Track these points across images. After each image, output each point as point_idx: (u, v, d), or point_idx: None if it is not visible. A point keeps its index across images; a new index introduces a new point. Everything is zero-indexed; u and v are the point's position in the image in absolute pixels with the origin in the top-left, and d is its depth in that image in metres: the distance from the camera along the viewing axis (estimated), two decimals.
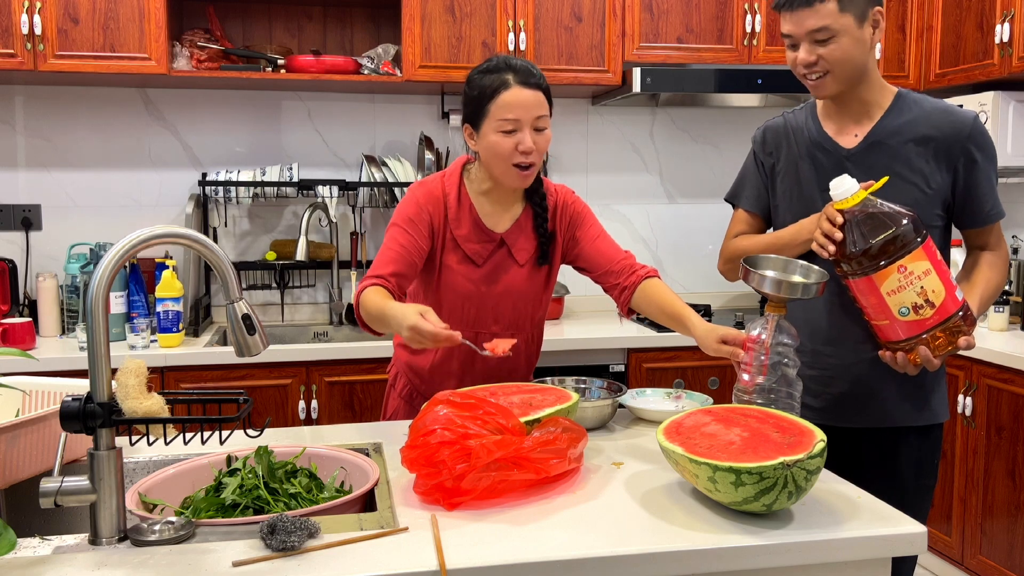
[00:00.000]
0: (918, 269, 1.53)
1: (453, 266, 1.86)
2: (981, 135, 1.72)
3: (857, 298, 1.62)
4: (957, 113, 1.74)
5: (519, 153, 1.76)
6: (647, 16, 3.25)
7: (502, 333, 1.89)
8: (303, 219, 3.15)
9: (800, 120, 1.86)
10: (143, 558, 1.16)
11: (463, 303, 1.87)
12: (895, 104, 1.76)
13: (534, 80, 1.77)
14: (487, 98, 1.76)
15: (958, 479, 3.02)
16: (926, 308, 1.54)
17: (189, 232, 1.28)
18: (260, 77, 3.04)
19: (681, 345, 3.06)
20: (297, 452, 1.53)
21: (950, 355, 1.62)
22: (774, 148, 1.89)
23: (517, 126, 1.76)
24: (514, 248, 1.89)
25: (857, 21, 1.67)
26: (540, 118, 1.77)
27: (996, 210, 1.76)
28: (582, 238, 1.95)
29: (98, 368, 1.21)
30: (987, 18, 3.15)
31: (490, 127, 1.77)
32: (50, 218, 3.23)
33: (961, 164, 1.72)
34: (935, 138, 1.72)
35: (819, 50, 1.68)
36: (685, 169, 3.74)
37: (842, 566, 1.27)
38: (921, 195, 1.72)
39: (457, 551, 1.18)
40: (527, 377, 2.01)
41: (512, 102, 1.74)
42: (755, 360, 1.58)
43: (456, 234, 1.85)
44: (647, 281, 1.89)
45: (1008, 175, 3.28)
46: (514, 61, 1.79)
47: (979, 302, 1.72)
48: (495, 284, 1.88)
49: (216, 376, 2.75)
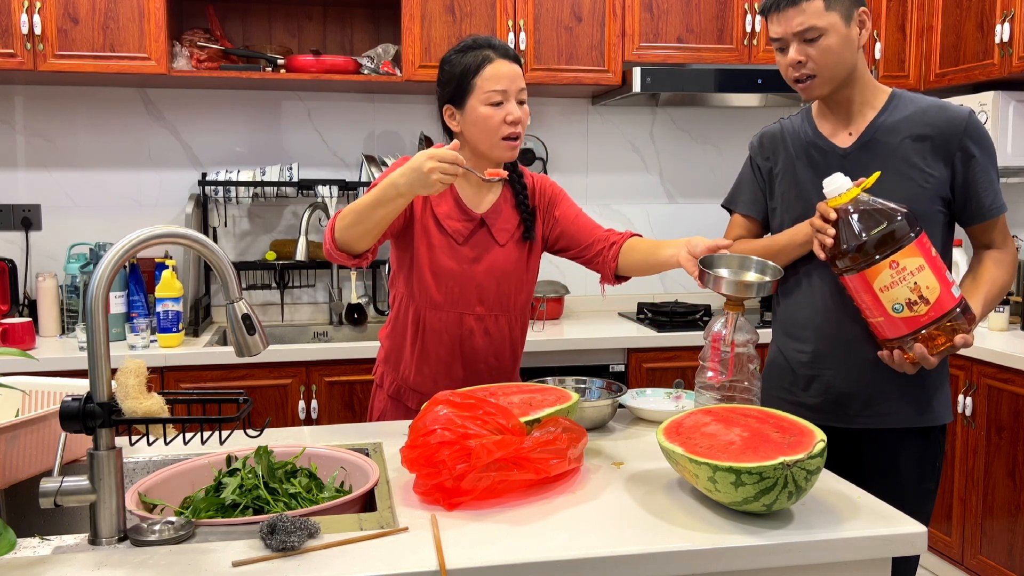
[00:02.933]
0: (911, 265, 1.52)
1: (435, 244, 1.88)
2: (977, 130, 1.72)
3: (853, 296, 1.62)
4: (952, 109, 1.74)
5: (507, 124, 1.82)
6: (647, 16, 3.25)
7: (487, 314, 1.91)
8: (303, 219, 3.15)
9: (796, 124, 1.88)
10: (143, 558, 1.16)
11: (447, 282, 1.89)
12: (889, 103, 1.77)
13: (512, 54, 1.86)
14: (472, 73, 1.82)
15: (958, 479, 3.02)
16: (920, 304, 1.54)
17: (189, 232, 1.28)
18: (260, 77, 3.04)
19: (681, 345, 3.07)
20: (297, 452, 1.52)
21: (949, 354, 1.62)
22: (771, 153, 1.89)
23: (504, 97, 1.81)
24: (494, 228, 1.92)
25: (843, 20, 1.68)
26: (522, 91, 1.85)
27: (997, 204, 1.74)
28: (562, 216, 1.99)
29: (98, 368, 1.21)
30: (987, 18, 3.15)
31: (477, 100, 1.82)
32: (50, 218, 3.23)
33: (958, 159, 1.72)
34: (931, 134, 1.72)
35: (808, 49, 1.69)
36: (685, 169, 3.75)
37: (842, 566, 1.27)
38: (919, 189, 1.72)
39: (457, 551, 1.18)
40: (515, 362, 2.02)
41: (498, 74, 1.81)
42: (719, 357, 1.60)
43: (437, 211, 1.88)
44: (632, 238, 1.95)
45: (1008, 175, 3.28)
46: (492, 39, 1.87)
47: (984, 301, 1.71)
48: (477, 263, 1.90)
49: (216, 376, 2.75)
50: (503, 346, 1.97)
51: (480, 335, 1.91)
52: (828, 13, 1.67)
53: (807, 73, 1.71)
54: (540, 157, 3.55)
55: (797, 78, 1.73)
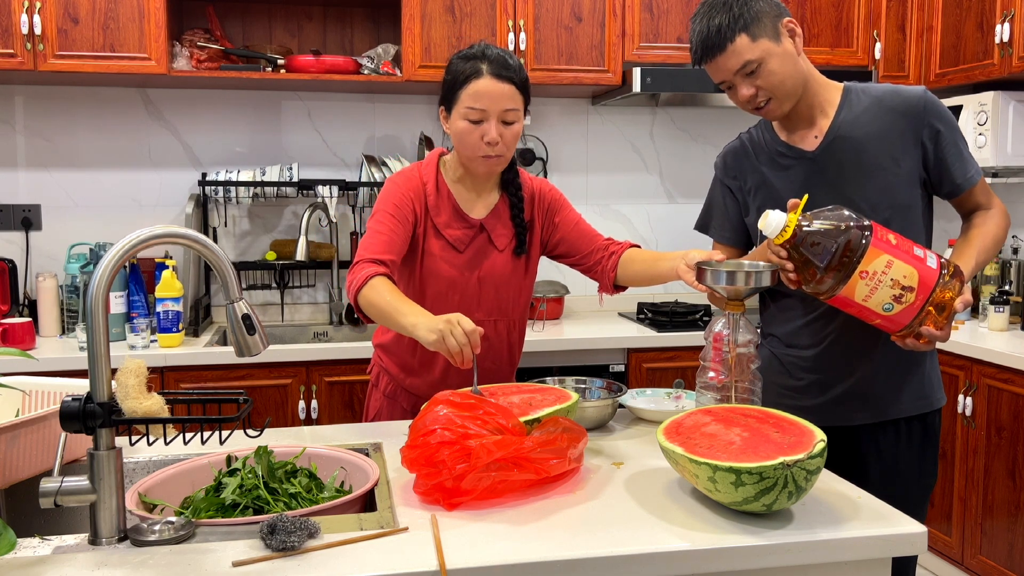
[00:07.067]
0: (879, 266, 1.51)
1: (436, 253, 1.87)
2: (935, 105, 1.72)
3: (844, 311, 1.62)
4: (907, 91, 1.74)
5: (483, 144, 1.78)
6: (647, 16, 3.25)
7: (486, 319, 1.90)
8: (303, 219, 3.15)
9: (757, 136, 1.87)
10: (143, 558, 1.16)
11: (447, 290, 1.88)
12: (845, 99, 1.76)
13: (507, 73, 1.77)
14: (459, 85, 1.78)
15: (958, 479, 3.02)
16: (907, 294, 1.53)
17: (189, 232, 1.28)
18: (260, 77, 3.04)
19: (681, 345, 3.07)
20: (297, 452, 1.52)
21: (953, 319, 1.60)
22: (737, 171, 1.88)
23: (483, 116, 1.77)
24: (494, 233, 1.91)
25: (773, 40, 1.66)
26: (509, 111, 1.78)
27: (972, 173, 1.74)
28: (562, 223, 1.98)
29: (98, 368, 1.21)
30: (987, 18, 3.15)
31: (458, 113, 1.79)
32: (50, 218, 3.23)
33: (926, 137, 1.71)
34: (894, 120, 1.72)
35: (754, 81, 1.68)
36: (685, 169, 3.75)
37: (842, 566, 1.27)
38: (895, 178, 1.72)
39: (457, 551, 1.18)
40: (512, 366, 2.02)
41: (481, 92, 1.76)
42: (721, 357, 1.60)
43: (436, 221, 1.87)
44: (631, 249, 1.95)
45: (1008, 175, 3.28)
46: (491, 51, 1.79)
47: (978, 254, 1.71)
48: (477, 269, 1.90)
49: (216, 376, 2.75)
50: (501, 351, 1.96)
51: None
52: (756, 43, 1.65)
53: (764, 99, 1.71)
54: (540, 157, 3.55)
55: (756, 106, 1.73)
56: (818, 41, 3.41)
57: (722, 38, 1.65)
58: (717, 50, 1.67)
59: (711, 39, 1.66)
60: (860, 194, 1.71)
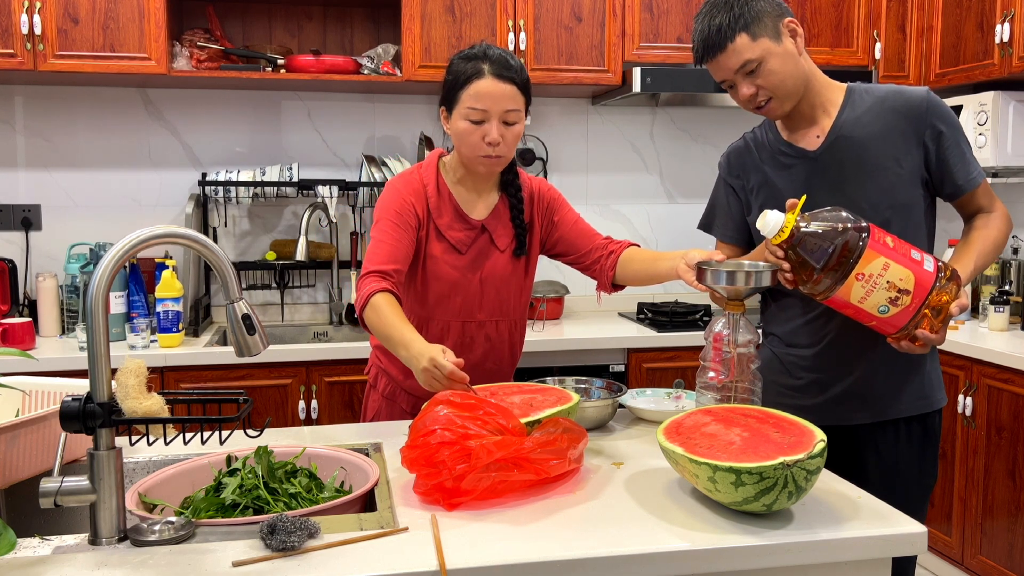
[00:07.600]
0: (876, 269, 1.51)
1: (438, 255, 1.87)
2: (938, 106, 1.72)
3: (840, 312, 1.62)
4: (910, 91, 1.75)
5: (484, 144, 1.78)
6: (647, 16, 3.25)
7: (487, 320, 1.91)
8: (303, 219, 3.15)
9: (761, 136, 1.87)
10: (143, 558, 1.16)
11: (449, 292, 1.88)
12: (848, 99, 1.77)
13: (508, 73, 1.77)
14: (460, 85, 1.78)
15: (958, 479, 3.02)
16: (903, 297, 1.53)
17: (189, 232, 1.28)
18: (260, 77, 3.04)
19: (681, 345, 3.07)
20: (297, 452, 1.52)
21: (949, 322, 1.61)
22: (740, 170, 1.89)
23: (484, 117, 1.77)
24: (495, 234, 1.91)
25: (773, 40, 1.66)
26: (510, 111, 1.78)
27: (974, 175, 1.74)
28: (560, 222, 1.98)
29: (98, 368, 1.21)
30: (987, 18, 3.15)
31: (459, 114, 1.79)
32: (50, 218, 3.23)
33: (928, 138, 1.72)
34: (896, 121, 1.72)
35: (755, 80, 1.69)
36: (685, 169, 3.74)
37: (842, 566, 1.27)
38: (896, 178, 1.72)
39: (457, 551, 1.18)
40: (512, 367, 2.02)
41: (482, 92, 1.76)
42: (721, 357, 1.60)
43: (438, 223, 1.87)
44: (630, 248, 1.95)
45: (1008, 175, 3.28)
46: (493, 51, 1.79)
47: (977, 258, 1.71)
48: (479, 271, 1.90)
49: (216, 376, 2.75)
50: (502, 351, 1.97)
51: (481, 341, 1.91)
52: (757, 42, 1.65)
53: (764, 98, 1.71)
54: (540, 157, 3.55)
55: (757, 105, 1.73)
56: (818, 41, 3.41)
57: (722, 37, 1.66)
58: (717, 49, 1.67)
59: (712, 38, 1.67)
60: (861, 194, 1.71)
